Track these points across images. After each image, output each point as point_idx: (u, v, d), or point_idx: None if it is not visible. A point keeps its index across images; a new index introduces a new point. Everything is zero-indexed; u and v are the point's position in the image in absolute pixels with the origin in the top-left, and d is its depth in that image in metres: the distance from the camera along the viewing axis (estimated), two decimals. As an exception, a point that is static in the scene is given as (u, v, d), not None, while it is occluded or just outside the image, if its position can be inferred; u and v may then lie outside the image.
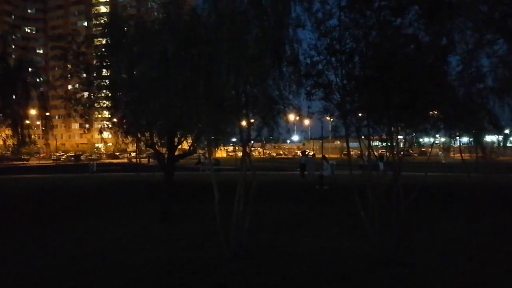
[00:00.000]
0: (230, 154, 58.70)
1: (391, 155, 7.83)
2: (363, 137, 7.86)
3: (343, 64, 7.57)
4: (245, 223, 8.05)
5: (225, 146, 36.37)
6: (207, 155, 9.70)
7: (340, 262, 7.83)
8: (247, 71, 7.51)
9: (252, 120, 9.02)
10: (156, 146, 13.49)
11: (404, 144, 8.15)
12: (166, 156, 13.46)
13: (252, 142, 9.02)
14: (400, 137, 8.02)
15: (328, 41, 7.57)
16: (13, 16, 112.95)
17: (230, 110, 8.24)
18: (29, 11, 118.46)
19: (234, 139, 13.29)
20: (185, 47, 8.28)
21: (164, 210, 12.78)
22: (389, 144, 7.73)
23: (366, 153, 7.83)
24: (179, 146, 14.15)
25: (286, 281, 6.82)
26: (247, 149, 8.48)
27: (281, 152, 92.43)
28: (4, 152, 59.99)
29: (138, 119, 11.83)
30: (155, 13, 12.29)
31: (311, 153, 49.64)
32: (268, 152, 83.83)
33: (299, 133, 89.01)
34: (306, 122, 59.45)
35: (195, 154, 15.13)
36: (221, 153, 40.58)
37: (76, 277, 7.09)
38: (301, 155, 31.39)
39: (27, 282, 6.96)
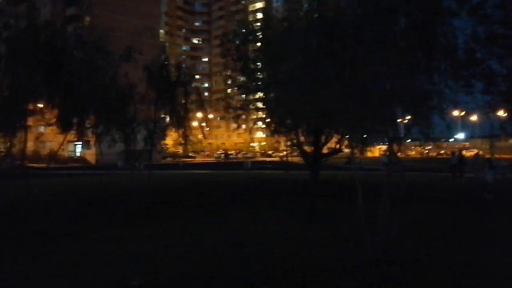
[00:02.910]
0: (383, 153, 56.13)
1: None
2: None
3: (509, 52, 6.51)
4: (390, 227, 7.54)
5: (376, 145, 34.89)
6: (355, 153, 9.30)
7: (494, 279, 6.75)
8: (396, 63, 7.01)
9: (404, 117, 8.42)
10: (302, 145, 13.63)
11: None
12: (313, 155, 13.51)
13: (406, 140, 8.38)
14: None
15: (487, 27, 6.60)
16: (183, 29, 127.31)
17: (377, 106, 7.80)
18: (196, 24, 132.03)
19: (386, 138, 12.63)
20: (329, 42, 8.13)
21: (311, 208, 12.84)
22: None
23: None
24: (326, 145, 14.07)
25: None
26: (396, 148, 7.94)
27: (442, 152, 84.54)
28: (176, 150, 68.21)
29: (284, 118, 12.10)
30: (300, 13, 12.39)
31: (473, 152, 44.45)
32: (425, 151, 77.75)
33: (464, 130, 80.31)
34: (473, 118, 53.24)
35: (340, 153, 14.80)
36: (373, 152, 39.09)
37: (212, 268, 7.49)
38: (453, 155, 28.05)
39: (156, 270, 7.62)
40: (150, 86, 18.95)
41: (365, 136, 10.23)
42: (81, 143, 56.75)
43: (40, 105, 15.84)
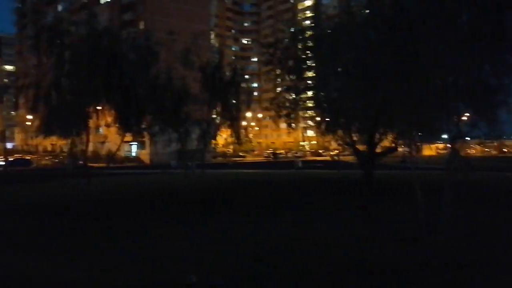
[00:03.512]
0: (440, 151, 53.80)
1: None
2: None
3: None
4: (452, 228, 7.21)
5: (433, 143, 33.55)
6: (412, 152, 8.97)
7: None
8: (460, 56, 6.68)
9: (466, 113, 8.02)
10: (356, 143, 13.36)
11: None
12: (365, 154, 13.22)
13: (466, 138, 7.99)
14: None
15: None
16: (233, 30, 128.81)
17: (439, 101, 7.48)
18: (245, 24, 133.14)
19: (444, 136, 12.11)
20: (389, 35, 7.86)
21: (365, 207, 12.56)
22: None
23: None
24: (380, 144, 13.72)
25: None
26: (457, 147, 7.58)
27: (505, 150, 79.47)
28: (226, 150, 69.14)
29: (336, 117, 11.91)
30: (354, 7, 12.16)
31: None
32: (487, 149, 73.59)
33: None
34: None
35: (395, 152, 14.36)
36: (430, 150, 37.62)
37: (267, 267, 7.46)
38: None
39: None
40: (204, 87, 19.40)
41: (424, 133, 9.87)
42: (136, 143, 58.82)
43: (99, 108, 16.59)
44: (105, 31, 15.36)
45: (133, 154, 65.25)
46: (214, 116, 21.28)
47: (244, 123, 23.87)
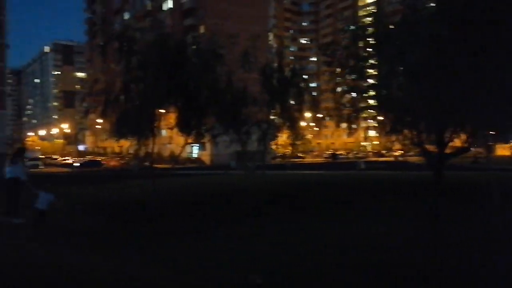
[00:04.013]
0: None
1: None
2: None
3: None
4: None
5: (507, 143, 31.42)
6: (484, 152, 8.42)
7: None
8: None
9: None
10: (424, 143, 12.76)
11: None
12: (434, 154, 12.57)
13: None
14: None
15: None
16: (291, 30, 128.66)
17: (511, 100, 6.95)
18: (303, 24, 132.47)
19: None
20: (461, 30, 7.43)
21: (434, 210, 11.96)
22: None
23: None
24: (450, 143, 13.01)
25: None
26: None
27: None
28: (285, 151, 69.04)
29: (402, 116, 11.45)
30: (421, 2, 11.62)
31: None
32: None
33: None
34: None
35: (467, 152, 13.52)
36: (503, 150, 35.24)
37: (332, 269, 7.29)
38: None
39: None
40: (263, 88, 19.47)
41: (497, 132, 9.24)
42: (197, 145, 60.31)
43: (162, 111, 17.15)
44: (170, 36, 15.89)
45: (194, 155, 67.05)
46: (274, 117, 21.29)
47: (303, 123, 23.64)
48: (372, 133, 62.51)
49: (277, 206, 15.43)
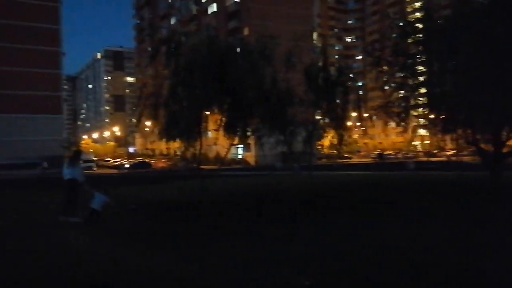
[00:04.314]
0: None
1: None
2: None
3: None
4: None
5: None
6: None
7: None
8: None
9: None
10: (479, 142, 12.18)
11: None
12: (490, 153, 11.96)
13: None
14: None
15: None
16: (336, 29, 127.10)
17: None
18: (349, 22, 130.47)
19: None
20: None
21: (487, 213, 11.37)
22: None
23: None
24: (507, 142, 12.33)
25: None
26: None
27: None
28: (330, 151, 68.29)
29: (456, 114, 10.97)
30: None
31: None
32: None
33: None
34: None
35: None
36: None
37: (381, 271, 7.07)
38: None
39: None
40: (309, 88, 19.30)
41: None
42: (242, 146, 60.83)
43: (208, 112, 17.42)
44: (215, 39, 16.12)
45: (239, 156, 67.73)
46: (319, 117, 21.07)
47: (349, 123, 23.23)
48: (422, 132, 60.54)
49: (322, 206, 15.23)
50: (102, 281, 5.84)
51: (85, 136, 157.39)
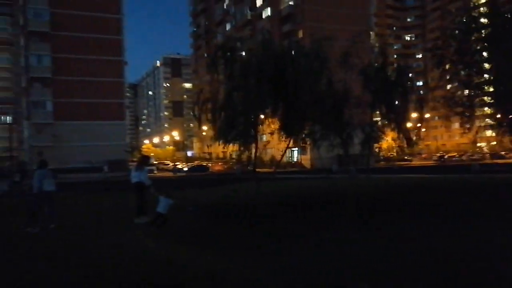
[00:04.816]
0: None
1: None
2: None
3: None
4: None
5: None
6: None
7: None
8: None
9: None
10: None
11: None
12: None
13: None
14: None
15: None
16: (394, 28, 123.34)
17: None
18: (408, 20, 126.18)
19: None
20: None
21: None
22: None
23: None
24: None
25: None
26: None
27: None
28: (389, 153, 66.23)
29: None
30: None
31: None
32: None
33: None
34: None
35: None
36: None
37: (446, 278, 6.73)
38: None
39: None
40: (366, 89, 18.85)
41: None
42: (297, 148, 60.50)
43: (264, 116, 17.49)
44: (270, 43, 16.20)
45: (295, 159, 67.45)
46: (378, 119, 20.49)
47: (409, 124, 22.40)
48: (488, 132, 57.20)
49: (379, 210, 14.78)
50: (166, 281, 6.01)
51: (146, 141, 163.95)
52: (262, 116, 17.11)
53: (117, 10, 64.27)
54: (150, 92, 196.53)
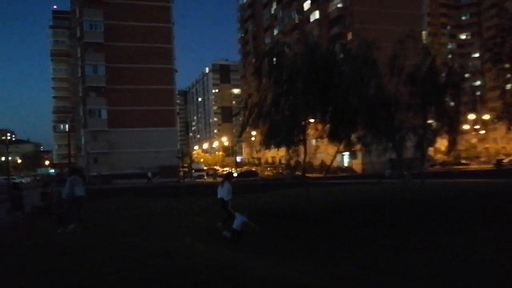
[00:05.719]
0: None
1: None
2: None
3: None
4: None
5: None
6: None
7: None
8: None
9: None
10: None
11: None
12: None
13: None
14: None
15: None
16: (448, 26, 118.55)
17: None
18: (463, 18, 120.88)
19: None
20: None
21: None
22: None
23: None
24: None
25: None
26: None
27: None
28: (445, 157, 63.45)
29: None
30: None
31: None
32: None
33: None
34: None
35: None
36: None
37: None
38: None
39: None
40: (415, 92, 18.22)
41: None
42: (348, 153, 59.39)
43: (312, 120, 17.33)
44: (317, 46, 16.05)
45: (345, 164, 66.23)
46: (431, 121, 19.73)
47: (466, 126, 21.36)
48: (555, 134, 53.50)
49: (433, 218, 14.17)
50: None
51: (196, 147, 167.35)
52: (311, 120, 16.96)
53: (167, 20, 66.20)
54: (200, 99, 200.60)
